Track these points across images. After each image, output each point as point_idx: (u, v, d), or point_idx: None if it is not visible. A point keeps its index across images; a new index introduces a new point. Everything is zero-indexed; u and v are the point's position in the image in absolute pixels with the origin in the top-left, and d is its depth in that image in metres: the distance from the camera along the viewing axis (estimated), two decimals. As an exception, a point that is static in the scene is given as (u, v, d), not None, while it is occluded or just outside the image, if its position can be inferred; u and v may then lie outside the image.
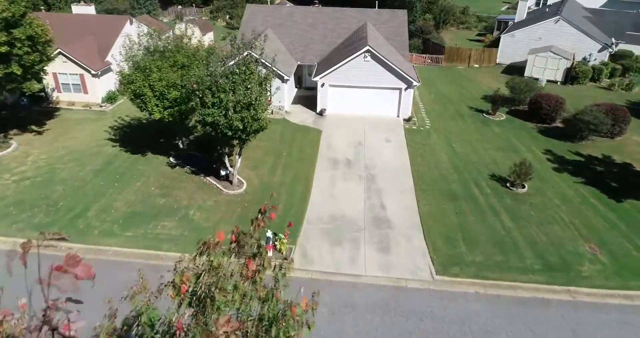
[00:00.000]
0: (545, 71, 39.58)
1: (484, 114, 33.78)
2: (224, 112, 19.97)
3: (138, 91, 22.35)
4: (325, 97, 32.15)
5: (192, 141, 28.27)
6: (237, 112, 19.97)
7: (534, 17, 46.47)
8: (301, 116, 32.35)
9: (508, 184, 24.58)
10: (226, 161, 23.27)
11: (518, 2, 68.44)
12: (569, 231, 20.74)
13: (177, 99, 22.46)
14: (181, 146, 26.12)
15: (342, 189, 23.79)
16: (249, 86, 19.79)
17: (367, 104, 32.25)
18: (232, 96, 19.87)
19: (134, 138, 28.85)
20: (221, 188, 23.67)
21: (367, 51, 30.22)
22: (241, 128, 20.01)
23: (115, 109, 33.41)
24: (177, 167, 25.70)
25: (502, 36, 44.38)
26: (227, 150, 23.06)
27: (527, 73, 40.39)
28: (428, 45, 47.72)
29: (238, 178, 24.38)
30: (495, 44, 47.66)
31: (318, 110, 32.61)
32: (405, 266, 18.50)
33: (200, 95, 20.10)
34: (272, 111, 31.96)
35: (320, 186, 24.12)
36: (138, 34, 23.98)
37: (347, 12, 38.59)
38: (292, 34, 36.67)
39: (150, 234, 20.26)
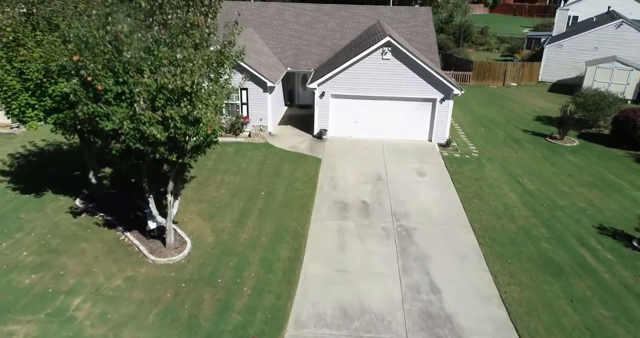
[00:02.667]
0: (611, 86, 30.32)
1: (547, 139, 24.21)
2: (133, 111, 10.13)
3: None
4: (326, 112, 22.52)
5: (116, 172, 18.29)
6: (157, 108, 10.13)
7: (576, 29, 37.93)
8: (291, 139, 22.59)
9: (635, 243, 14.61)
10: (151, 204, 13.13)
11: (538, 25, 60.77)
12: None
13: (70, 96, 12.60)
14: (94, 180, 16.08)
15: (358, 255, 13.68)
16: (181, 60, 10.01)
17: (385, 123, 22.60)
18: (148, 79, 10.10)
19: (37, 170, 18.90)
20: (146, 252, 13.51)
21: (387, 43, 20.87)
22: (162, 139, 10.10)
23: (32, 132, 23.53)
24: (85, 214, 15.60)
25: (546, 47, 35.51)
26: (147, 185, 12.90)
27: (578, 97, 31.15)
28: (450, 61, 38.83)
29: (180, 234, 14.27)
30: (533, 60, 38.83)
31: (315, 131, 22.89)
32: None
33: (90, 76, 10.27)
34: (249, 134, 22.24)
35: (319, 249, 14.02)
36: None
37: (354, 9, 29.68)
38: (281, 35, 27.53)
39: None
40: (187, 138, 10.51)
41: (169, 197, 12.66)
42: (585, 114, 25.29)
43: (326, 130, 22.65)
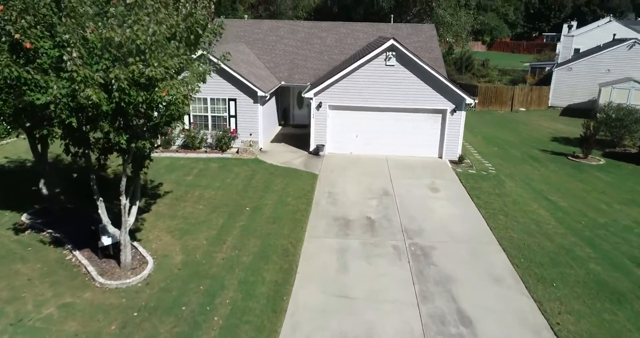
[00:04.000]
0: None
1: (569, 158, 21.76)
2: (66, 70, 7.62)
3: None
4: (323, 126, 20.15)
5: (75, 180, 15.62)
6: (99, 71, 7.64)
7: (584, 53, 36.43)
8: (284, 155, 20.09)
9: None
10: (102, 211, 10.35)
11: (539, 58, 60.07)
12: None
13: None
14: (44, 191, 13.35)
15: (364, 278, 10.82)
16: (132, 3, 7.64)
17: (389, 137, 20.19)
18: (91, 33, 7.70)
19: (-14, 184, 16.25)
20: (94, 274, 10.63)
21: (392, 47, 18.82)
22: (104, 108, 7.49)
23: (-5, 149, 21.07)
24: (30, 231, 12.79)
25: (555, 70, 33.79)
26: (94, 185, 10.13)
27: (600, 113, 29.06)
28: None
29: (141, 253, 11.46)
30: (541, 84, 37.11)
31: (312, 147, 20.41)
32: None
33: (18, 33, 7.86)
34: (237, 150, 19.77)
35: (314, 270, 11.16)
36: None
37: (353, 25, 28.11)
38: (275, 50, 25.67)
39: None
40: (139, 109, 7.94)
41: (123, 200, 9.93)
42: (608, 133, 22.99)
43: (324, 145, 20.19)
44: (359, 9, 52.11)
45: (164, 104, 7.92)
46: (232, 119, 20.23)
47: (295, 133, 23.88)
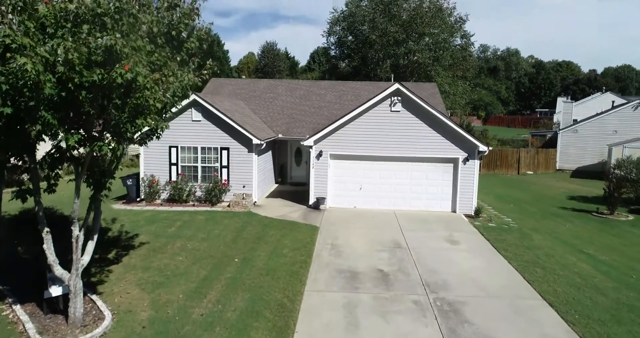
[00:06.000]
0: (642, 167, 26.79)
1: (594, 214, 19.82)
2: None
3: None
4: (324, 177, 18.35)
5: (21, 215, 13.36)
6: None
7: (587, 117, 35.89)
8: (281, 209, 18.06)
9: None
10: (47, 247, 8.11)
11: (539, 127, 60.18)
12: None
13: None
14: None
15: None
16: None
17: (397, 190, 18.35)
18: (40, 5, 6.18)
19: None
20: (32, 332, 8.18)
21: (397, 92, 17.67)
22: (47, 91, 5.65)
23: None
24: (-33, 284, 10.40)
25: (560, 133, 32.85)
26: (39, 208, 7.97)
27: (618, 170, 27.63)
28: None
29: (98, 307, 9.08)
30: (547, 146, 36.07)
31: (311, 201, 18.44)
32: None
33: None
34: (229, 204, 17.81)
35: (317, 329, 8.74)
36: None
37: (353, 84, 27.52)
38: (273, 106, 24.68)
39: None
40: (93, 94, 6.14)
41: (75, 231, 7.79)
42: (632, 188, 21.22)
43: (324, 198, 18.25)
44: (357, 80, 52.82)
45: (122, 83, 6.06)
46: (224, 170, 18.47)
47: (293, 190, 22.06)
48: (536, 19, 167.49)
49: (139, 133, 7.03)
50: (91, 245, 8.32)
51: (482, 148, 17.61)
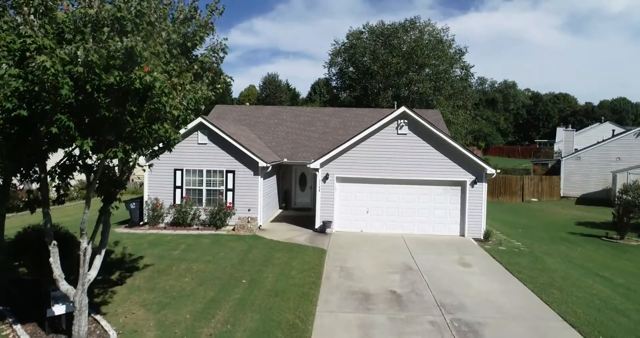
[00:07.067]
0: (648, 193, 26.64)
1: (604, 239, 19.56)
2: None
3: None
4: (331, 200, 18.13)
5: (22, 235, 12.96)
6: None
7: (590, 145, 35.97)
8: (287, 233, 17.74)
9: None
10: (53, 260, 7.80)
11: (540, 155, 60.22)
12: None
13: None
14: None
15: (401, 358, 7.99)
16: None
17: (405, 213, 18.10)
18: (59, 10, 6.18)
19: None
20: (33, 352, 7.81)
21: (403, 115, 17.72)
22: (65, 92, 5.54)
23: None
24: (-35, 305, 10.01)
25: (564, 160, 32.85)
26: (47, 219, 7.67)
27: (625, 195, 27.46)
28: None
29: (102, 326, 8.69)
30: (550, 174, 35.97)
31: (318, 224, 18.15)
32: None
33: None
34: (234, 227, 17.54)
35: (332, 348, 8.36)
36: None
37: (357, 110, 27.71)
38: (277, 131, 24.74)
39: None
40: (109, 98, 6.04)
41: (83, 243, 7.54)
42: (639, 212, 21.01)
43: (331, 222, 17.97)
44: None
45: (140, 88, 5.92)
46: (230, 193, 18.27)
47: (298, 215, 21.79)
48: (531, 59, 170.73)
49: (152, 140, 6.85)
50: (98, 260, 8.04)
51: (490, 170, 17.48)
